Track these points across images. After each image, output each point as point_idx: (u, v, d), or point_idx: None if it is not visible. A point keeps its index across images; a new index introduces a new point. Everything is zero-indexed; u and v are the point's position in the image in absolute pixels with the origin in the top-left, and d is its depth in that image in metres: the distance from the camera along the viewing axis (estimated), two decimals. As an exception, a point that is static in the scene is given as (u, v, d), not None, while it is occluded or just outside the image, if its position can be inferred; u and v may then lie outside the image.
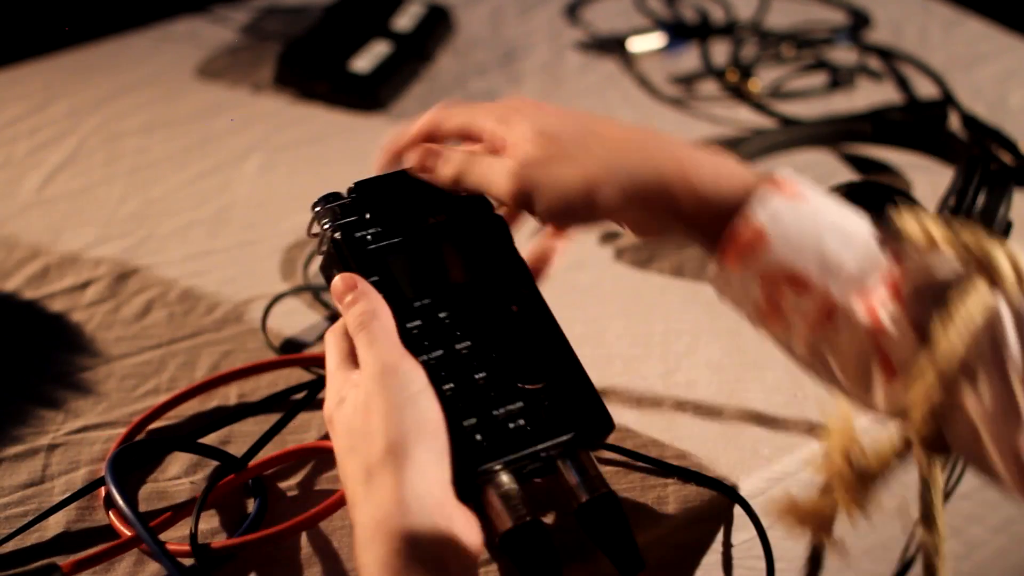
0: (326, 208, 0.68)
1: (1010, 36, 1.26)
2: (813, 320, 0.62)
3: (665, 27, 1.25)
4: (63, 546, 0.69)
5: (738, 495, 0.72)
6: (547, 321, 0.67)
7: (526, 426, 0.63)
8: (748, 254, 0.63)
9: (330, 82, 1.13)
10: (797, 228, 0.62)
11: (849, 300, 0.61)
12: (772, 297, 0.63)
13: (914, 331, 0.60)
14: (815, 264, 0.62)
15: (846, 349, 0.62)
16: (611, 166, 0.65)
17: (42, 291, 0.90)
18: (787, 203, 0.63)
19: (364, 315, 0.63)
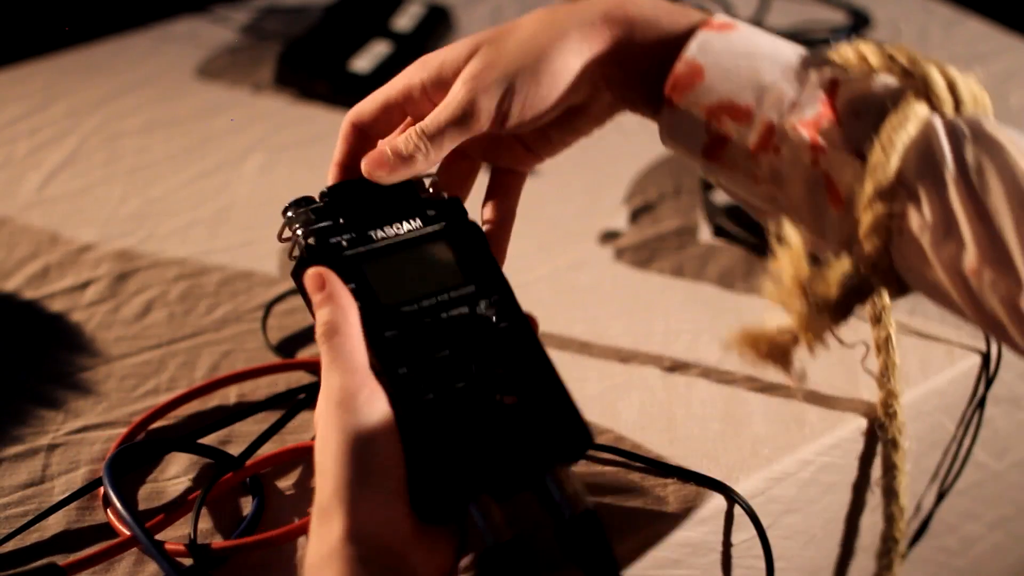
0: (298, 212, 0.66)
1: (1010, 36, 1.26)
2: (756, 147, 0.62)
3: (665, 27, 1.25)
4: (63, 546, 0.69)
5: (738, 495, 0.72)
6: (524, 331, 0.65)
7: (506, 441, 0.61)
8: (686, 89, 0.63)
9: (330, 82, 1.13)
10: (730, 57, 0.63)
11: (789, 122, 0.61)
12: (716, 132, 0.63)
13: (854, 150, 0.59)
14: (752, 90, 0.62)
15: (792, 176, 0.61)
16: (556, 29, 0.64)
17: (42, 291, 0.90)
18: (717, 34, 0.64)
19: (328, 325, 0.60)
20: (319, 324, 0.61)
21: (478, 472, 0.60)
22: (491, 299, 0.65)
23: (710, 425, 0.77)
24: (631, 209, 0.99)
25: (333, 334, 0.60)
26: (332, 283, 0.62)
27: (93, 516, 0.71)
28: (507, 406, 0.62)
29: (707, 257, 0.93)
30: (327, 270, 0.62)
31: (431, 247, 0.66)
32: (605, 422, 0.78)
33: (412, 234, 0.66)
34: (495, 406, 0.61)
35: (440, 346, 0.62)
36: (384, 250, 0.65)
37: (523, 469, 0.61)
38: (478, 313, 0.64)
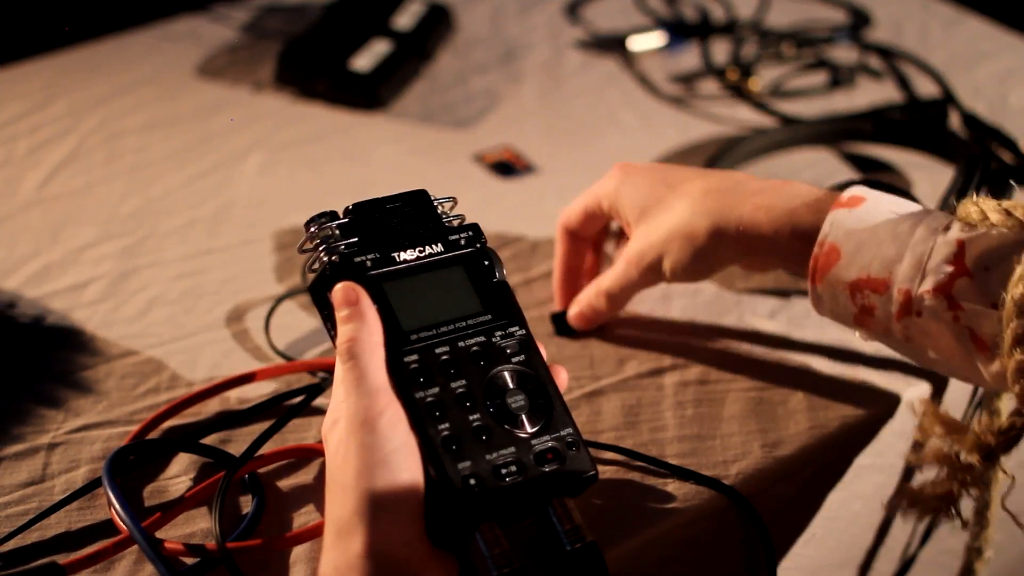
0: (322, 227, 0.66)
1: (1010, 35, 1.26)
2: (899, 314, 0.67)
3: (665, 26, 1.25)
4: (63, 545, 0.69)
5: (738, 495, 0.72)
6: (537, 364, 0.65)
7: (517, 473, 0.61)
8: (827, 270, 0.70)
9: (330, 81, 1.13)
10: (864, 233, 0.68)
11: (924, 288, 0.65)
12: (861, 304, 0.69)
13: (990, 303, 0.63)
14: (884, 263, 0.67)
15: (938, 334, 0.66)
16: (699, 234, 0.75)
17: (42, 290, 0.90)
18: (850, 213, 0.69)
19: (353, 342, 0.62)
20: (343, 339, 0.62)
21: (489, 502, 0.60)
22: (506, 330, 0.65)
23: (710, 425, 0.77)
24: (631, 208, 0.99)
25: (358, 352, 0.61)
26: (363, 301, 0.63)
27: (93, 515, 0.71)
28: (520, 438, 0.63)
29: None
30: (356, 286, 0.63)
31: (451, 273, 0.66)
32: (605, 422, 0.78)
33: (434, 258, 0.66)
34: (509, 437, 0.62)
35: (457, 377, 0.63)
36: (406, 272, 0.65)
37: (531, 500, 0.62)
38: (494, 343, 0.65)
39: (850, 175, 1.02)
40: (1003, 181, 0.88)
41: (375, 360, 0.61)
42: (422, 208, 0.68)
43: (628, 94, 1.16)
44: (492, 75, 1.19)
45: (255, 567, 0.68)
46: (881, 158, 1.04)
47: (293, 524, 0.70)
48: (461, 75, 1.19)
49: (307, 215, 0.99)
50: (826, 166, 1.04)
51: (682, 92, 1.16)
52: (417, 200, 0.68)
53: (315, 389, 0.79)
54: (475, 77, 1.19)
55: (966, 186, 0.87)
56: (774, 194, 0.74)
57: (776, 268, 0.80)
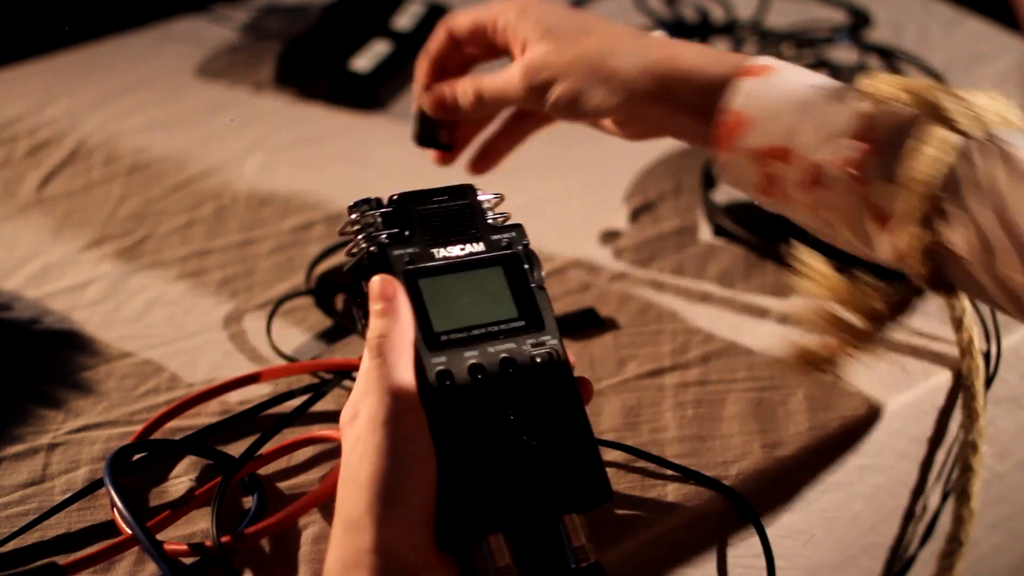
0: (364, 214, 0.65)
1: (1010, 36, 1.26)
2: (804, 184, 0.67)
3: (665, 26, 1.25)
4: (64, 545, 0.69)
5: (738, 495, 0.72)
6: (563, 376, 0.64)
7: (529, 487, 0.61)
8: (734, 138, 0.69)
9: (330, 81, 1.13)
10: (773, 102, 0.68)
11: (828, 159, 0.65)
12: (766, 173, 0.68)
13: (892, 179, 0.64)
14: (793, 133, 0.67)
15: (841, 205, 0.66)
16: (607, 63, 0.73)
17: (42, 290, 0.90)
18: (756, 80, 0.69)
19: (384, 339, 0.61)
20: (374, 334, 0.61)
21: (500, 511, 0.60)
22: (538, 338, 0.64)
23: (710, 425, 0.77)
24: (631, 209, 0.99)
25: (387, 351, 0.61)
26: (399, 298, 0.62)
27: (94, 516, 0.71)
28: (537, 450, 0.62)
29: (707, 257, 0.93)
30: (393, 280, 0.62)
31: (489, 274, 0.65)
32: (605, 422, 0.78)
33: (473, 258, 0.65)
34: (524, 448, 0.62)
35: (483, 384, 0.62)
36: (444, 270, 0.64)
37: (541, 513, 0.62)
38: (523, 351, 0.64)
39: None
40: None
41: (403, 360, 0.61)
42: (467, 203, 0.66)
43: (628, 94, 1.16)
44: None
45: (261, 566, 0.68)
46: (881, 158, 1.04)
47: (297, 523, 0.70)
48: (461, 75, 1.19)
49: (307, 215, 1.00)
50: (826, 166, 1.03)
51: (682, 92, 1.16)
52: (463, 194, 0.67)
53: (315, 390, 0.79)
54: (475, 77, 1.19)
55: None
56: (683, 47, 0.73)
57: (665, 131, 0.77)
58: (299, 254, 0.93)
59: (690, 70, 0.71)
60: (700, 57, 0.72)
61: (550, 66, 0.74)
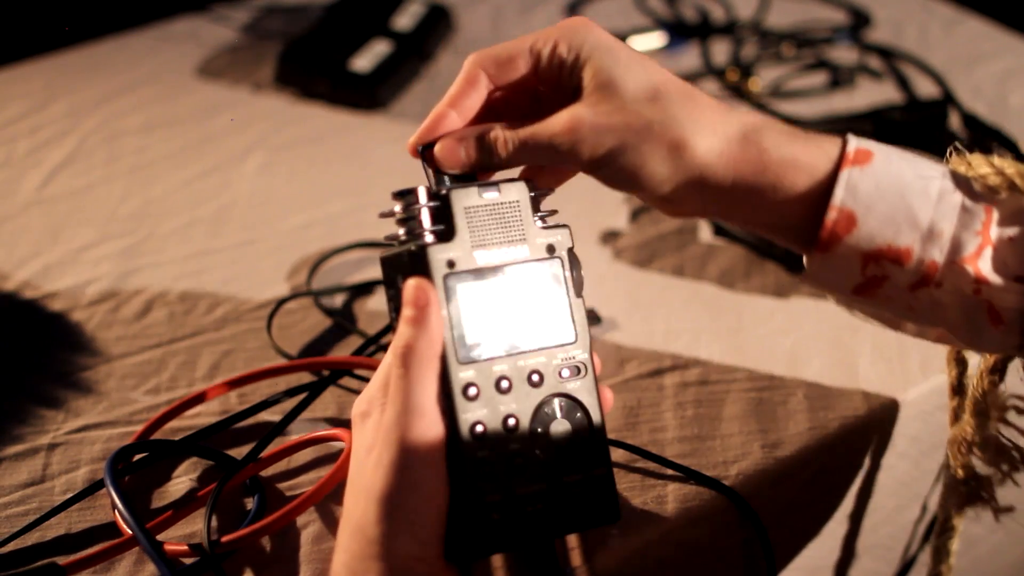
0: (410, 207, 0.62)
1: (1010, 35, 1.26)
2: (916, 284, 0.62)
3: (665, 26, 1.25)
4: (63, 546, 0.69)
5: (738, 495, 0.72)
6: (589, 393, 0.63)
7: (542, 511, 0.61)
8: (841, 236, 0.61)
9: (330, 81, 1.13)
10: (881, 197, 0.61)
11: (953, 261, 0.61)
12: (872, 275, 0.62)
13: (1013, 276, 0.61)
14: (910, 231, 0.61)
15: (949, 302, 0.62)
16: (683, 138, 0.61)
17: (42, 290, 0.90)
18: (860, 170, 0.61)
19: (408, 348, 0.59)
20: (400, 342, 0.59)
21: (511, 528, 0.60)
22: (569, 352, 0.63)
23: (710, 425, 0.77)
24: (631, 209, 0.99)
25: (412, 363, 0.59)
26: (431, 307, 0.60)
27: (94, 516, 0.71)
28: (552, 472, 0.61)
29: (707, 257, 0.93)
30: (433, 291, 0.60)
31: (529, 282, 0.63)
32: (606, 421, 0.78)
33: (516, 264, 0.63)
34: (542, 470, 0.61)
35: (508, 397, 0.61)
36: (484, 276, 0.62)
37: (551, 532, 0.61)
38: (553, 365, 0.63)
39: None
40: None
41: (426, 376, 0.59)
42: (517, 201, 0.64)
43: (628, 94, 1.16)
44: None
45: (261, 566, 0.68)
46: (881, 158, 1.04)
47: (297, 523, 0.70)
48: (461, 75, 1.19)
49: (307, 215, 0.99)
50: (826, 166, 1.03)
51: (682, 92, 1.16)
52: (514, 191, 0.64)
53: (313, 388, 0.79)
54: (475, 77, 1.18)
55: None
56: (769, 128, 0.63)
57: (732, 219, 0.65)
58: (299, 254, 0.93)
59: (782, 160, 0.62)
60: (791, 143, 0.62)
61: (613, 129, 0.61)
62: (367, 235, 0.94)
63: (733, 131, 0.62)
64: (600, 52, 0.63)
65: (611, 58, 0.62)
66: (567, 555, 0.62)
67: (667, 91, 0.62)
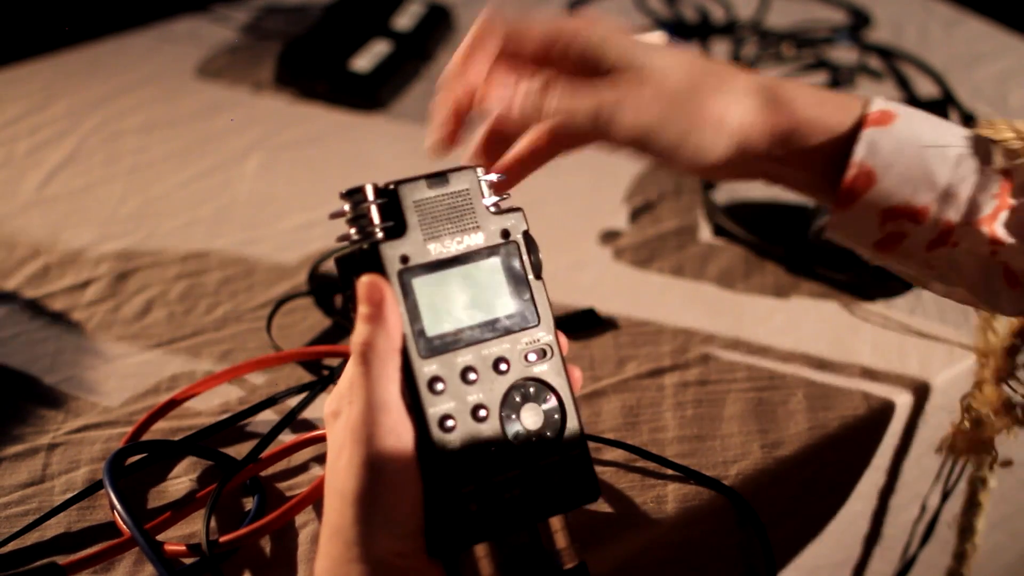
0: (358, 206, 0.62)
1: (1010, 35, 1.26)
2: (934, 243, 0.64)
3: (665, 26, 1.25)
4: (63, 546, 0.69)
5: (738, 495, 0.72)
6: (557, 374, 0.63)
7: (520, 496, 0.60)
8: (861, 193, 0.64)
9: (330, 82, 1.13)
10: (900, 156, 0.63)
11: (967, 221, 0.63)
12: (891, 231, 0.64)
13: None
14: (928, 190, 0.63)
15: (966, 263, 0.64)
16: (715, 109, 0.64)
17: (42, 291, 0.90)
18: (882, 130, 0.64)
19: (367, 347, 0.59)
20: (358, 339, 0.59)
21: (490, 517, 0.60)
22: (533, 336, 0.63)
23: (710, 425, 0.77)
24: (631, 209, 0.99)
25: (371, 359, 0.59)
26: (386, 303, 0.59)
27: (93, 516, 0.71)
28: (528, 456, 0.61)
29: (707, 257, 0.93)
30: (387, 286, 0.60)
31: (485, 270, 0.63)
32: (605, 423, 0.78)
33: (470, 251, 0.62)
34: (517, 455, 0.61)
35: (475, 386, 0.61)
36: (440, 268, 0.61)
37: (531, 516, 0.61)
38: (518, 350, 0.62)
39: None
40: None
41: (388, 370, 0.59)
42: (467, 189, 0.63)
43: (628, 94, 1.16)
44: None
45: (261, 566, 0.68)
46: (881, 158, 1.04)
47: (296, 522, 0.70)
48: (461, 75, 1.19)
49: (307, 215, 0.99)
50: (826, 166, 1.04)
51: (682, 92, 1.16)
52: (463, 179, 0.63)
53: (311, 388, 0.79)
54: (475, 77, 1.19)
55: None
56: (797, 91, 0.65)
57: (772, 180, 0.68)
58: (299, 254, 0.93)
59: (809, 120, 0.65)
60: (818, 105, 0.65)
61: (653, 105, 0.63)
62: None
63: (764, 97, 0.65)
64: (620, 35, 0.65)
65: (631, 41, 0.65)
66: (551, 538, 0.62)
67: (696, 66, 0.65)
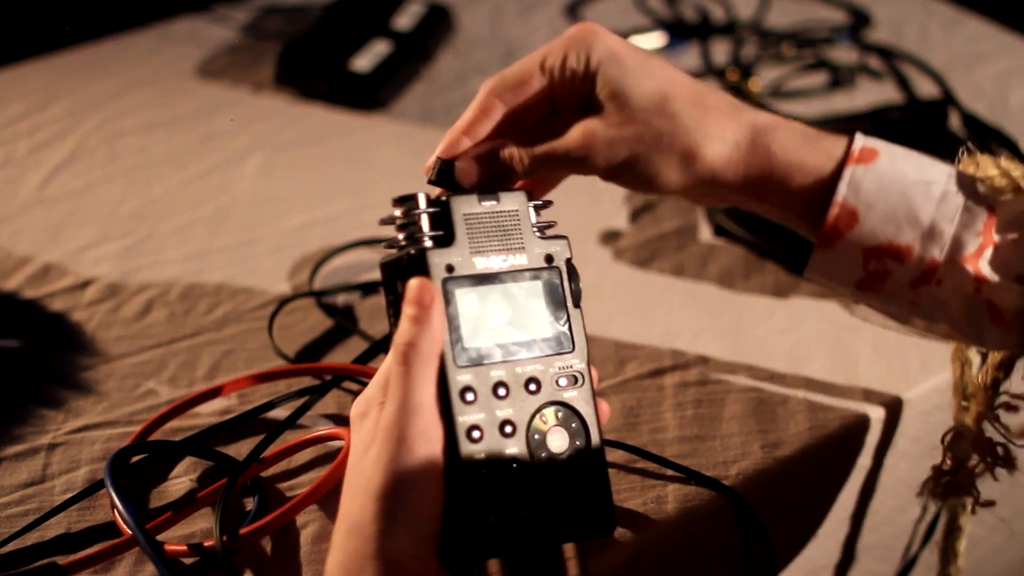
0: (410, 213, 0.62)
1: (1010, 36, 1.26)
2: (917, 282, 0.64)
3: (666, 26, 1.25)
4: (63, 546, 0.69)
5: (738, 495, 0.72)
6: (586, 402, 0.63)
7: (537, 516, 0.60)
8: (843, 232, 0.64)
9: (330, 81, 1.13)
10: (883, 194, 0.63)
11: (953, 259, 0.63)
12: (873, 270, 0.64)
13: (1015, 276, 0.62)
14: (911, 229, 0.63)
15: (950, 300, 0.63)
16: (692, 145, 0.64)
17: (42, 291, 0.90)
18: (864, 168, 0.64)
19: (410, 348, 0.59)
20: (402, 339, 0.59)
21: (506, 533, 0.60)
22: (566, 361, 0.63)
23: (710, 425, 0.77)
24: (631, 209, 0.99)
25: (413, 361, 0.59)
26: (435, 307, 0.60)
27: (94, 516, 0.71)
28: (549, 477, 0.61)
29: (707, 257, 0.93)
30: (437, 291, 0.60)
31: (526, 291, 0.63)
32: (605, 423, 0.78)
33: (514, 271, 0.63)
34: (539, 474, 0.61)
35: (505, 402, 0.61)
36: (483, 282, 0.62)
37: (544, 540, 0.61)
38: (550, 373, 0.63)
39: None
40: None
41: (427, 374, 0.59)
42: (516, 210, 0.64)
43: (628, 94, 1.16)
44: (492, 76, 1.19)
45: (261, 566, 0.68)
46: (881, 158, 1.04)
47: (297, 522, 0.70)
48: (461, 76, 1.19)
49: (307, 215, 0.99)
50: (826, 166, 1.03)
51: (682, 92, 1.16)
52: (513, 201, 0.64)
53: (315, 391, 0.79)
54: (475, 78, 1.19)
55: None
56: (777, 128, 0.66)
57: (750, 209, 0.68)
58: (299, 254, 0.93)
59: (788, 164, 0.65)
60: (798, 148, 0.65)
61: (624, 140, 0.64)
62: (368, 235, 0.94)
63: (742, 135, 0.65)
64: (608, 62, 0.66)
65: (619, 67, 0.65)
66: (563, 565, 0.62)
67: (676, 97, 0.65)
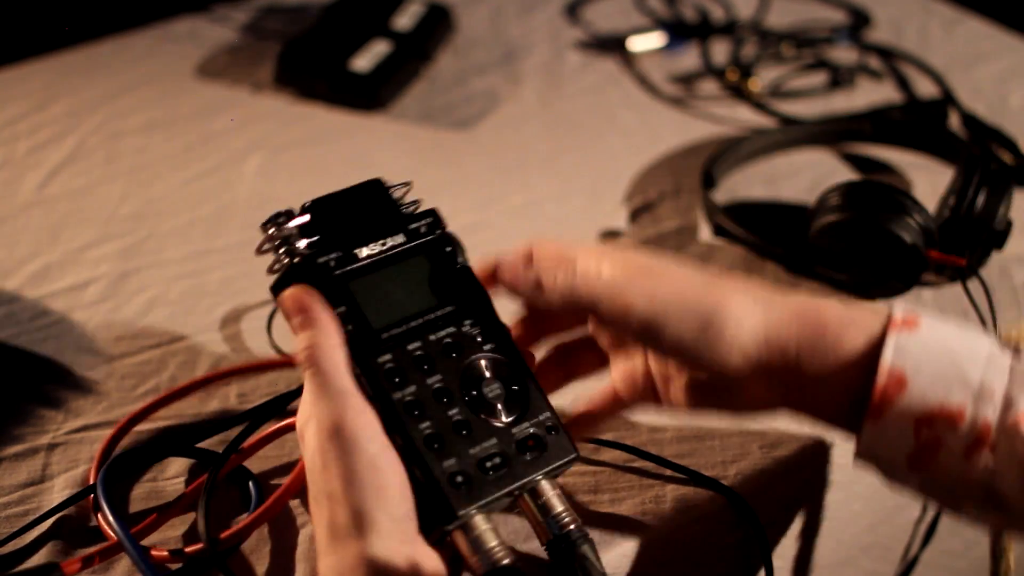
0: (280, 228, 0.65)
1: (1010, 36, 1.26)
2: (971, 448, 0.60)
3: (665, 26, 1.25)
4: (63, 546, 0.69)
5: (737, 495, 0.72)
6: (509, 349, 0.65)
7: (501, 465, 0.61)
8: (892, 399, 0.61)
9: (330, 81, 1.13)
10: (929, 358, 0.61)
11: (1008, 417, 0.59)
12: (925, 441, 0.61)
13: None
14: (962, 390, 0.60)
15: (1005, 470, 0.60)
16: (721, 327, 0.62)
17: (42, 290, 0.90)
18: (908, 335, 0.61)
19: (310, 350, 0.60)
20: (301, 347, 0.60)
21: (479, 490, 0.60)
22: (475, 318, 0.65)
23: (709, 424, 0.77)
24: (631, 209, 0.99)
25: (318, 358, 0.60)
26: (312, 305, 0.62)
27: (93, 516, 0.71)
28: (499, 427, 0.62)
29: (707, 257, 0.93)
30: (306, 290, 0.62)
31: (414, 264, 0.65)
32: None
33: (396, 250, 0.65)
34: (490, 428, 0.62)
35: (432, 371, 0.62)
36: (370, 268, 0.64)
37: (518, 478, 0.62)
38: (464, 333, 0.64)
39: (849, 176, 1.03)
40: (1003, 182, 0.88)
41: (337, 363, 0.60)
42: (379, 198, 0.67)
43: (628, 95, 1.16)
44: (492, 76, 1.19)
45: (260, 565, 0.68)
46: (880, 158, 1.04)
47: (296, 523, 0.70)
48: (461, 76, 1.19)
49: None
50: (826, 167, 1.04)
51: (682, 93, 1.16)
52: (373, 190, 0.67)
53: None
54: (475, 78, 1.19)
55: (966, 187, 0.87)
56: (818, 311, 0.63)
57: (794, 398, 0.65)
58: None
59: (840, 325, 0.62)
60: (834, 321, 0.62)
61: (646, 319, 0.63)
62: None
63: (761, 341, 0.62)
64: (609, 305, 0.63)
65: (621, 307, 0.63)
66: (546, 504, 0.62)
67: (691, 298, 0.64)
